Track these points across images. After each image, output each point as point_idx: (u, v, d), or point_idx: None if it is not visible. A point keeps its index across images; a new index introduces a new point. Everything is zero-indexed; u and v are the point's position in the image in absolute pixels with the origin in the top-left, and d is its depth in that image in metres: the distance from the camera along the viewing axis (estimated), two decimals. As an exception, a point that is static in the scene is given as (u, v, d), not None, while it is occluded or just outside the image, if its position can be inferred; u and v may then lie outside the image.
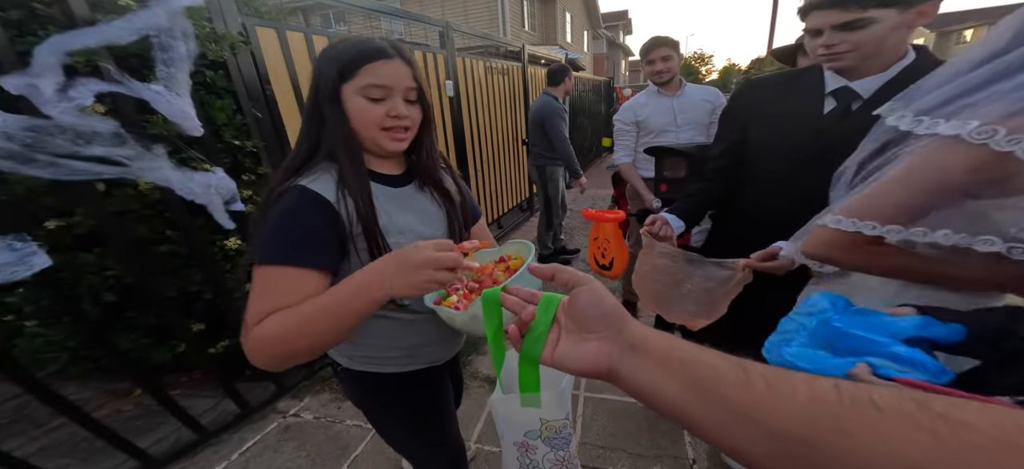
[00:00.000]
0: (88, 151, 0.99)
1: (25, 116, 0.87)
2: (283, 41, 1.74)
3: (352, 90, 0.63)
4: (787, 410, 0.26)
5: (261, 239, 0.60)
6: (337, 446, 1.63)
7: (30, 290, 1.32)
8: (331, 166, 0.65)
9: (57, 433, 1.63)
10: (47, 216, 1.21)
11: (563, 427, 0.66)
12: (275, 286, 0.57)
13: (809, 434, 0.25)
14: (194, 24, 1.17)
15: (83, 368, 1.49)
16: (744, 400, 0.27)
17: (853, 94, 0.84)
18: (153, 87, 1.08)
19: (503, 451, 0.72)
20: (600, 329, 0.37)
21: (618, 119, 2.11)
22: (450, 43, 2.93)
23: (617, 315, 0.37)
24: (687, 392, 0.30)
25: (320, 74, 0.64)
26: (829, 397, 0.25)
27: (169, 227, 1.42)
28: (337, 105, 0.64)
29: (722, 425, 0.28)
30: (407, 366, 0.80)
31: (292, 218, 0.60)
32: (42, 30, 1.05)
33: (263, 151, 1.64)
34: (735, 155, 1.10)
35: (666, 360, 0.32)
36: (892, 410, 0.23)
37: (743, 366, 0.29)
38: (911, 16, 0.75)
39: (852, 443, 0.23)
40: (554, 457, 0.67)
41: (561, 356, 0.38)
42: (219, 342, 1.64)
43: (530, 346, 0.39)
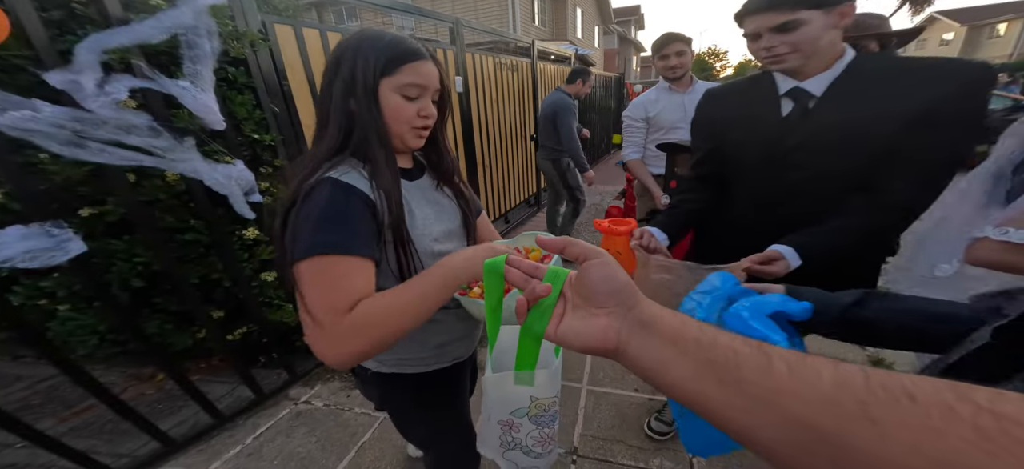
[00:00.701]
0: (129, 141, 1.06)
1: (70, 108, 0.92)
2: (299, 37, 1.78)
3: (390, 86, 0.63)
4: (809, 396, 0.24)
5: (309, 232, 0.57)
6: (346, 432, 1.69)
7: (64, 275, 1.39)
8: (356, 162, 0.64)
9: (84, 415, 1.72)
10: (81, 204, 1.28)
11: (551, 405, 0.65)
12: (345, 274, 0.56)
13: (832, 422, 0.23)
14: (217, 22, 1.22)
15: (109, 352, 1.56)
16: (764, 385, 0.26)
17: (807, 94, 0.88)
18: (180, 83, 1.14)
19: (483, 428, 0.71)
20: (610, 305, 0.35)
21: (627, 115, 2.11)
22: (460, 39, 2.95)
23: (628, 291, 0.35)
24: (699, 372, 0.28)
25: (356, 65, 0.61)
26: (856, 382, 0.23)
27: (193, 217, 1.49)
28: (374, 100, 0.63)
29: (737, 410, 0.26)
30: (435, 365, 0.82)
31: (339, 209, 0.59)
32: (80, 29, 1.11)
33: (280, 144, 1.69)
34: (713, 163, 1.12)
35: (679, 339, 0.30)
36: (928, 400, 0.21)
37: (764, 350, 0.27)
38: (834, 17, 0.80)
39: (881, 433, 0.21)
40: (538, 434, 0.66)
41: (565, 331, 0.37)
42: (236, 329, 1.71)
43: (535, 320, 0.38)
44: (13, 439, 1.54)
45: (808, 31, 0.80)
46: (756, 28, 0.85)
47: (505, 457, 0.70)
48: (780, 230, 0.89)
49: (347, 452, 1.60)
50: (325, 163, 0.63)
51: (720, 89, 1.13)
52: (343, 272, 0.56)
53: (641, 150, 2.12)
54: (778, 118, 0.92)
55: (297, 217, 0.58)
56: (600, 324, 0.35)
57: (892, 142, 0.80)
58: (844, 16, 0.80)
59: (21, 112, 0.89)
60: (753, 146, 0.98)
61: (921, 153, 0.79)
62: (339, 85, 0.63)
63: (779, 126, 0.92)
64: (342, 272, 0.56)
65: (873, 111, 0.81)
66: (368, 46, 0.62)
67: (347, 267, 0.57)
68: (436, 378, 0.83)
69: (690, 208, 1.15)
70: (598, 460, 1.49)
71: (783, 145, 0.92)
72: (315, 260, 0.55)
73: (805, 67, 0.86)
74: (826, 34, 0.81)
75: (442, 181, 0.79)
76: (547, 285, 0.38)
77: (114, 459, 1.43)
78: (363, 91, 0.62)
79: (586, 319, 0.36)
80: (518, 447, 0.68)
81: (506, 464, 0.71)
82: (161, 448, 1.52)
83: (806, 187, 0.91)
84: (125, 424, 1.45)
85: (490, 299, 0.43)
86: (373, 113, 0.63)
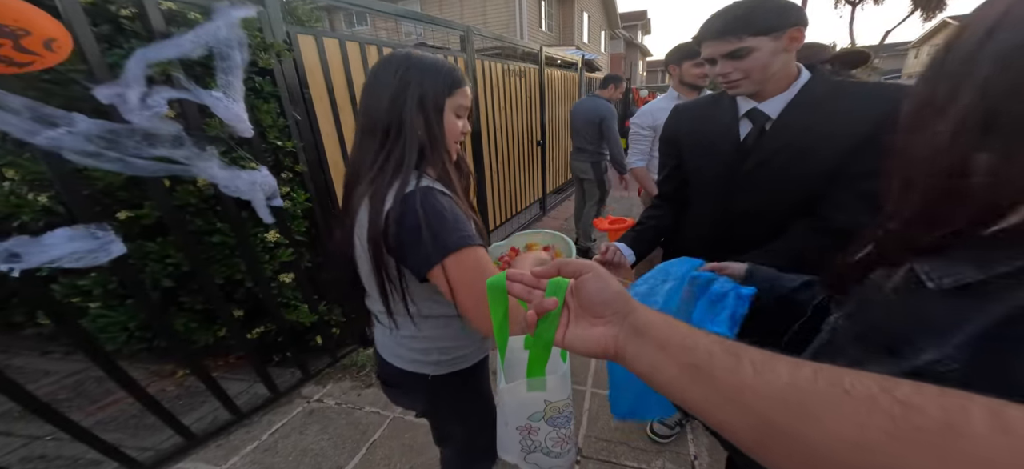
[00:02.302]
0: (151, 152, 1.12)
1: (104, 121, 0.99)
2: (320, 47, 1.84)
3: (450, 106, 0.72)
4: (767, 393, 0.27)
5: (450, 230, 0.64)
6: (357, 430, 1.73)
7: (101, 274, 1.46)
8: (417, 173, 0.69)
9: (109, 409, 1.78)
10: (119, 208, 1.35)
11: (565, 406, 0.69)
12: (485, 264, 0.66)
13: (782, 417, 0.25)
14: (247, 34, 1.29)
15: (135, 348, 1.63)
16: (731, 383, 0.28)
17: (764, 116, 0.91)
18: (214, 93, 1.20)
19: (502, 437, 0.76)
20: (606, 314, 0.38)
21: (635, 122, 2.14)
22: (470, 46, 3.02)
23: (622, 300, 0.38)
24: (682, 374, 0.31)
25: (425, 87, 0.68)
26: (805, 381, 0.26)
27: (220, 220, 1.55)
28: (441, 118, 0.71)
29: (712, 405, 0.29)
30: (478, 356, 0.89)
31: (454, 213, 0.67)
32: (127, 43, 1.17)
33: (301, 151, 1.75)
34: (675, 180, 1.14)
35: (666, 344, 0.33)
36: (859, 393, 0.23)
37: (736, 352, 0.30)
38: (784, 41, 0.81)
39: (818, 427, 0.24)
40: (556, 435, 0.70)
41: (572, 339, 0.40)
42: (255, 328, 1.77)
43: (544, 329, 0.41)
44: (43, 432, 1.61)
45: (758, 57, 0.82)
46: (711, 54, 0.88)
47: (527, 460, 0.74)
48: (740, 248, 0.92)
49: (358, 450, 1.64)
50: (411, 174, 0.67)
51: (685, 106, 1.14)
52: (484, 258, 0.67)
53: (647, 158, 2.15)
54: (736, 139, 0.95)
55: (423, 221, 0.63)
56: (599, 332, 0.38)
57: (836, 164, 0.82)
58: (794, 40, 0.82)
59: (57, 131, 0.95)
60: (711, 165, 1.00)
61: (861, 177, 0.81)
62: (411, 106, 0.68)
63: (736, 147, 0.95)
64: (483, 258, 0.67)
65: (821, 133, 0.84)
66: (432, 70, 0.69)
67: (485, 256, 0.67)
68: (480, 368, 0.90)
69: (656, 225, 1.17)
70: (602, 461, 1.53)
71: (740, 166, 0.94)
72: (466, 252, 0.64)
73: (763, 90, 0.89)
74: (777, 58, 0.83)
75: (463, 188, 0.84)
76: (553, 299, 0.40)
77: (139, 452, 1.49)
78: (435, 110, 0.70)
79: (587, 328, 0.39)
80: (539, 449, 0.72)
81: (529, 467, 0.75)
82: (183, 442, 1.58)
83: (762, 207, 0.94)
84: (148, 419, 1.51)
85: (496, 315, 0.45)
86: (441, 130, 0.71)
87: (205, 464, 1.56)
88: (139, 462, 1.46)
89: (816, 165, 0.85)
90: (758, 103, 0.91)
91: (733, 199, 0.97)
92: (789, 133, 0.88)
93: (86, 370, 2.00)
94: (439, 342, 0.80)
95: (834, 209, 0.85)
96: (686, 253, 0.88)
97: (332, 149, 1.98)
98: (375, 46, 2.14)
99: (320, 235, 1.95)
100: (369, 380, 2.04)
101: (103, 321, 1.49)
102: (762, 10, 0.80)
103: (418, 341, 0.80)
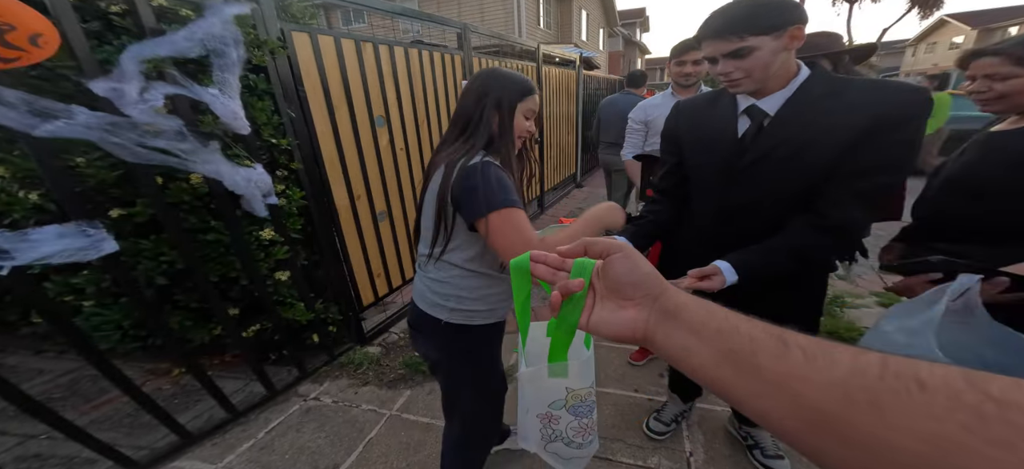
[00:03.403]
0: (153, 143, 1.11)
1: (105, 114, 0.98)
2: (315, 45, 1.83)
3: (521, 109, 0.92)
4: (821, 381, 0.25)
5: (494, 192, 0.83)
6: (354, 428, 1.73)
7: (93, 272, 1.45)
8: (483, 153, 0.88)
9: (103, 408, 1.77)
10: (112, 206, 1.34)
11: (588, 395, 0.68)
12: (522, 221, 0.84)
13: (838, 408, 0.24)
14: (241, 31, 1.28)
15: (129, 347, 1.62)
16: (778, 371, 0.27)
17: (762, 112, 0.91)
18: (210, 90, 1.19)
19: (522, 424, 0.74)
20: (636, 296, 0.36)
21: (631, 117, 2.18)
22: (467, 44, 3.01)
23: (653, 281, 0.36)
24: (722, 360, 0.30)
25: (503, 92, 0.90)
26: (871, 370, 0.24)
27: (214, 217, 1.54)
28: (512, 117, 0.91)
29: (752, 392, 0.28)
30: (487, 319, 1.00)
31: (502, 181, 0.85)
32: (117, 40, 1.16)
33: (296, 148, 1.75)
34: (675, 176, 1.15)
35: (702, 328, 0.32)
36: (937, 387, 0.21)
37: (783, 338, 0.28)
38: (785, 40, 0.81)
39: (881, 420, 0.22)
40: (578, 425, 0.69)
41: (598, 322, 0.38)
42: (251, 326, 1.76)
43: (569, 312, 0.39)
44: (38, 430, 1.61)
45: (760, 56, 0.82)
46: (712, 53, 0.88)
47: (547, 450, 0.72)
48: (738, 243, 0.93)
49: (355, 447, 1.64)
50: (478, 153, 0.88)
51: (686, 103, 1.14)
52: (523, 218, 0.84)
53: (639, 151, 2.18)
54: (734, 136, 0.96)
55: (482, 183, 0.83)
56: (628, 315, 0.36)
57: (833, 160, 0.83)
58: (794, 38, 0.82)
59: (55, 123, 0.94)
60: (711, 161, 1.01)
61: (857, 175, 0.82)
62: (490, 105, 0.90)
63: (735, 143, 0.96)
64: (523, 218, 0.84)
65: (819, 129, 0.84)
66: (510, 80, 0.91)
67: (523, 216, 0.85)
68: (487, 333, 1.02)
69: (656, 220, 1.18)
70: (598, 458, 1.53)
71: (739, 162, 0.95)
72: (506, 211, 0.82)
73: (763, 88, 0.89)
74: (778, 57, 0.83)
75: (526, 178, 1.06)
76: (579, 280, 0.39)
77: (134, 450, 1.49)
78: (508, 110, 0.90)
79: (615, 310, 0.38)
80: (559, 439, 0.71)
81: (549, 456, 0.73)
82: (179, 441, 1.57)
83: (761, 203, 0.95)
84: (143, 417, 1.50)
85: (519, 296, 0.44)
86: (511, 126, 0.91)
87: (201, 463, 1.56)
88: (134, 461, 1.45)
89: (813, 160, 0.85)
90: (757, 100, 0.92)
91: (732, 194, 0.98)
92: (787, 129, 0.88)
93: (80, 369, 1.99)
94: (456, 290, 0.95)
95: (830, 206, 0.86)
96: (689, 247, 0.88)
97: (328, 147, 1.98)
98: (371, 44, 2.13)
99: (316, 233, 1.94)
100: (366, 378, 2.04)
101: (97, 320, 1.49)
102: (763, 9, 0.79)
103: (440, 284, 0.96)
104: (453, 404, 1.12)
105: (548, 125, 4.63)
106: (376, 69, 2.19)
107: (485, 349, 1.04)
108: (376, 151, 2.29)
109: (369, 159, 2.24)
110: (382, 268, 2.48)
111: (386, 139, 2.35)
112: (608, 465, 1.51)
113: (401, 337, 2.39)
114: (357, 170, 2.18)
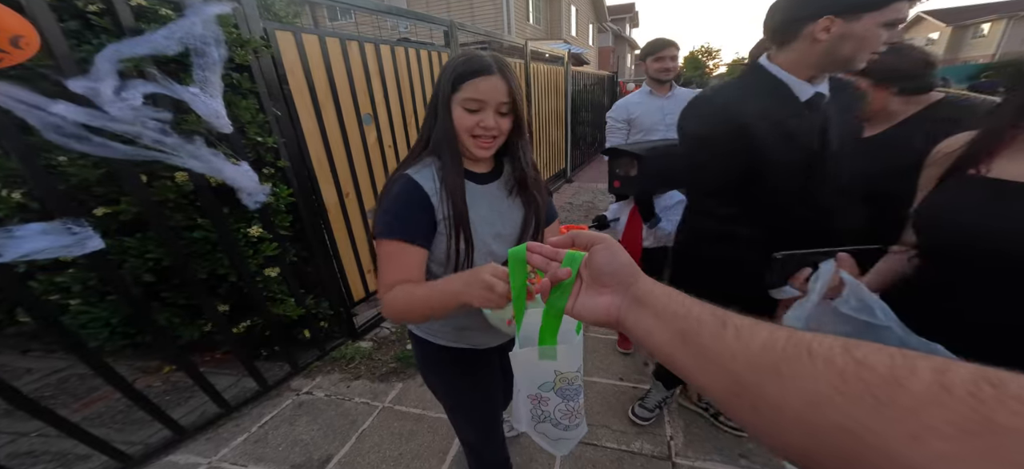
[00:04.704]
0: (142, 140, 1.12)
1: (87, 108, 1.00)
2: (299, 43, 1.85)
3: (457, 100, 0.74)
4: (742, 355, 0.29)
5: (379, 216, 0.75)
6: (347, 420, 1.76)
7: (79, 270, 1.46)
8: (434, 160, 0.78)
9: (94, 406, 1.79)
10: (96, 204, 1.35)
11: (574, 378, 0.71)
12: (392, 257, 0.73)
13: (751, 376, 0.28)
14: (223, 30, 1.29)
15: (118, 345, 1.63)
16: (713, 347, 0.31)
17: (822, 96, 0.94)
18: (191, 89, 1.21)
19: (517, 405, 0.77)
20: (611, 284, 0.41)
21: (610, 116, 2.20)
22: (454, 42, 3.02)
23: (627, 271, 0.41)
24: (674, 339, 0.34)
25: (440, 82, 0.76)
26: (777, 343, 0.28)
27: (200, 215, 1.56)
28: (447, 111, 0.75)
29: (697, 369, 0.32)
30: (452, 342, 0.93)
31: (399, 202, 0.74)
32: (95, 39, 1.17)
33: (282, 147, 1.76)
34: (748, 183, 1.00)
35: (662, 312, 0.36)
36: (820, 353, 0.25)
37: (724, 319, 0.32)
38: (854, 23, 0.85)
39: (784, 384, 0.26)
40: (565, 407, 0.71)
41: (580, 307, 0.43)
42: (241, 323, 1.78)
43: (557, 298, 0.44)
44: (28, 428, 1.61)
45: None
46: (900, 14, 0.81)
47: (537, 430, 0.76)
48: (835, 240, 0.86)
49: (348, 438, 1.68)
50: (413, 160, 0.79)
51: (742, 102, 0.98)
52: (390, 254, 0.73)
53: None
54: (812, 126, 0.93)
55: (381, 202, 0.76)
56: (604, 301, 0.41)
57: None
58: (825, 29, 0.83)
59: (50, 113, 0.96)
60: (793, 157, 0.95)
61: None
62: (433, 96, 0.78)
63: (807, 135, 0.93)
64: (389, 253, 0.73)
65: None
66: (451, 66, 0.74)
67: (399, 251, 0.73)
68: (453, 356, 0.95)
69: (749, 236, 1.01)
70: (584, 443, 1.58)
71: (813, 157, 0.94)
72: (382, 242, 0.74)
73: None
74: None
75: (515, 184, 0.85)
76: (567, 269, 0.44)
77: (127, 446, 1.50)
78: (441, 103, 0.75)
79: (594, 296, 0.42)
80: (548, 420, 0.74)
81: (538, 436, 0.77)
82: (172, 436, 1.59)
83: (851, 190, 0.96)
84: (135, 414, 1.52)
85: (515, 283, 0.48)
86: (445, 122, 0.76)
87: (196, 456, 1.58)
88: (129, 455, 1.47)
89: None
90: (816, 86, 0.92)
91: (824, 187, 0.96)
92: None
93: (69, 368, 2.00)
94: None
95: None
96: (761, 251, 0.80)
97: (315, 145, 1.99)
98: (356, 42, 2.15)
99: (305, 229, 1.96)
100: (358, 372, 2.07)
101: (84, 318, 1.50)
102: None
103: None
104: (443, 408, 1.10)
105: (537, 122, 4.65)
106: (362, 67, 2.20)
107: (455, 366, 0.96)
108: (364, 149, 2.31)
109: (357, 157, 2.26)
110: (372, 264, 2.50)
111: (374, 137, 2.37)
112: (593, 450, 1.56)
113: (392, 332, 2.41)
114: (345, 168, 2.20)
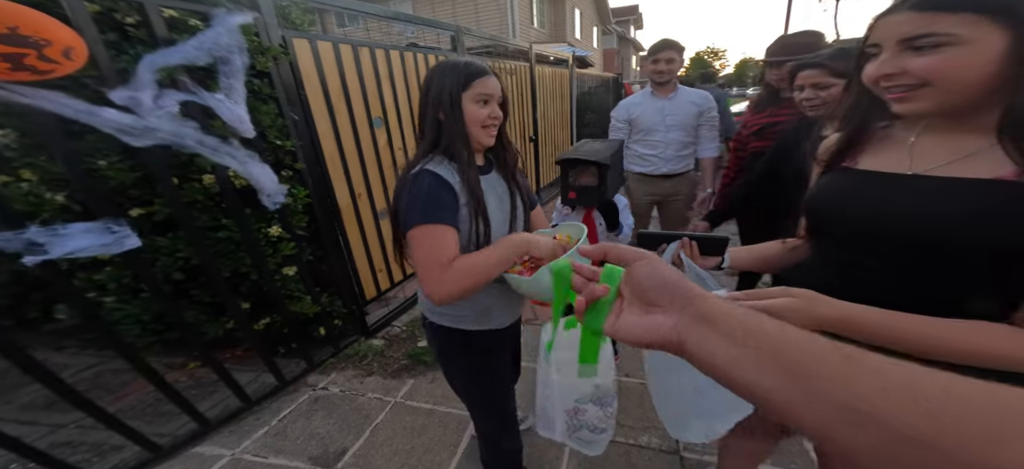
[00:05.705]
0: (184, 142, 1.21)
1: (133, 116, 1.08)
2: (314, 50, 1.93)
3: (468, 97, 0.83)
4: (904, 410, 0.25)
5: (412, 208, 0.79)
6: (360, 415, 1.83)
7: (115, 268, 1.54)
8: (443, 159, 0.84)
9: (126, 399, 1.87)
10: (131, 206, 1.43)
11: (612, 385, 0.73)
12: (438, 238, 0.78)
13: (925, 434, 0.24)
14: (245, 39, 1.37)
15: (147, 341, 1.71)
16: (825, 377, 0.27)
17: None
18: (217, 96, 1.28)
19: (549, 417, 0.79)
20: (663, 301, 0.36)
21: (614, 115, 2.23)
22: (461, 46, 3.10)
23: (680, 287, 0.36)
24: (763, 365, 0.29)
25: (442, 86, 0.82)
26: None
27: (224, 216, 1.63)
28: (458, 110, 0.83)
29: (801, 398, 0.28)
30: (475, 325, 0.96)
31: (433, 191, 0.80)
32: (132, 49, 1.26)
33: (299, 150, 1.84)
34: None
35: (743, 334, 0.31)
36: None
37: (858, 357, 0.28)
38: None
39: (997, 450, 0.23)
40: (602, 413, 0.75)
41: (623, 327, 0.38)
42: (261, 319, 1.85)
43: (593, 318, 0.41)
44: (66, 420, 1.70)
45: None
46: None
47: (572, 438, 0.80)
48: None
49: (363, 432, 1.74)
50: (422, 159, 0.85)
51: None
52: (442, 237, 0.79)
53: None
54: None
55: (407, 197, 0.80)
56: (656, 320, 0.36)
57: None
58: None
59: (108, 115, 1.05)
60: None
61: None
62: (432, 103, 0.84)
63: None
64: (441, 236, 0.79)
65: None
66: (450, 70, 0.83)
67: (444, 234, 0.79)
68: (475, 339, 0.98)
69: None
70: (595, 433, 1.63)
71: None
72: (424, 228, 0.78)
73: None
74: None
75: (506, 173, 0.97)
76: (605, 286, 0.40)
77: (157, 438, 1.58)
78: (452, 103, 0.82)
79: (641, 315, 0.37)
80: (584, 427, 0.78)
81: (574, 443, 0.81)
82: (198, 428, 1.67)
83: None
84: (163, 407, 1.60)
85: (558, 297, 0.46)
86: (458, 120, 0.83)
87: (220, 448, 1.66)
88: (159, 446, 1.55)
89: None
90: None
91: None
92: None
93: (101, 363, 2.09)
94: None
95: None
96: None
97: (329, 146, 2.07)
98: (367, 48, 2.23)
99: (320, 229, 2.04)
100: (371, 369, 2.13)
101: (118, 314, 1.58)
102: None
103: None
104: (455, 391, 1.12)
105: (543, 124, 4.71)
106: (373, 72, 2.28)
107: (474, 353, 0.99)
108: (375, 151, 2.38)
109: (369, 158, 2.34)
110: (384, 263, 2.57)
111: (384, 139, 2.45)
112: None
113: (403, 330, 2.48)
114: (358, 169, 2.28)
